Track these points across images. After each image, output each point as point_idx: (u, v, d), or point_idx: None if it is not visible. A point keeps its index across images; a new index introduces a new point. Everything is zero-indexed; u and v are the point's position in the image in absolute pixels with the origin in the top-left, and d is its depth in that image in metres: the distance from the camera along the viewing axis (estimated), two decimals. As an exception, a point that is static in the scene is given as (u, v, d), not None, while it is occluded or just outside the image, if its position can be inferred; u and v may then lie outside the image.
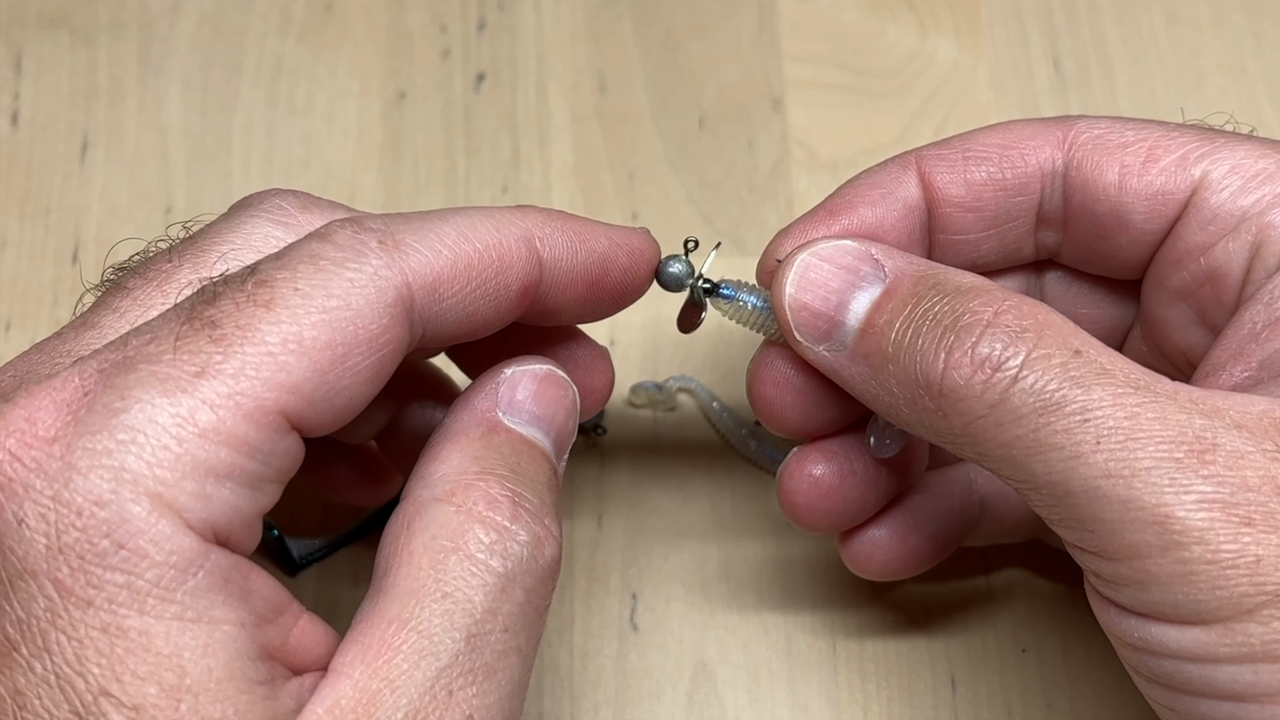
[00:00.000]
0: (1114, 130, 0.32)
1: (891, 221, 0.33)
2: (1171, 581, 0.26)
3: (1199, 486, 0.26)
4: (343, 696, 0.25)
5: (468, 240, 0.29)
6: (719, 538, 0.43)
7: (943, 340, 0.28)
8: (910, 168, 0.33)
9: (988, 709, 0.40)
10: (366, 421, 0.37)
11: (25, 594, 0.24)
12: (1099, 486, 0.26)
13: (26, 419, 0.25)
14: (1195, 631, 0.26)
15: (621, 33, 0.51)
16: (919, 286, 0.30)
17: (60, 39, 0.50)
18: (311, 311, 0.26)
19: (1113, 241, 0.33)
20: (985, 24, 0.51)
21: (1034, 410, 0.27)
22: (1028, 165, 0.33)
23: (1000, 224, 0.34)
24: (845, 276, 0.31)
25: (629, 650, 0.41)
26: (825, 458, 0.35)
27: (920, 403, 0.29)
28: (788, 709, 0.40)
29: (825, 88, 0.50)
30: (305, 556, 0.42)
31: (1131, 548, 0.26)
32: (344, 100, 0.50)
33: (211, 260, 0.29)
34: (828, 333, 0.31)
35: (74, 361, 0.26)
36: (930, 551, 0.37)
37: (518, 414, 0.31)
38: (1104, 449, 0.26)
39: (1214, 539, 0.25)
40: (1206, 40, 0.51)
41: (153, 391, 0.25)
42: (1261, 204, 0.31)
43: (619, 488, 0.44)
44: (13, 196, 0.48)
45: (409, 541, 0.28)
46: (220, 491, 0.25)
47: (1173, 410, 0.27)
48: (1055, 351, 0.27)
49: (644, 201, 0.48)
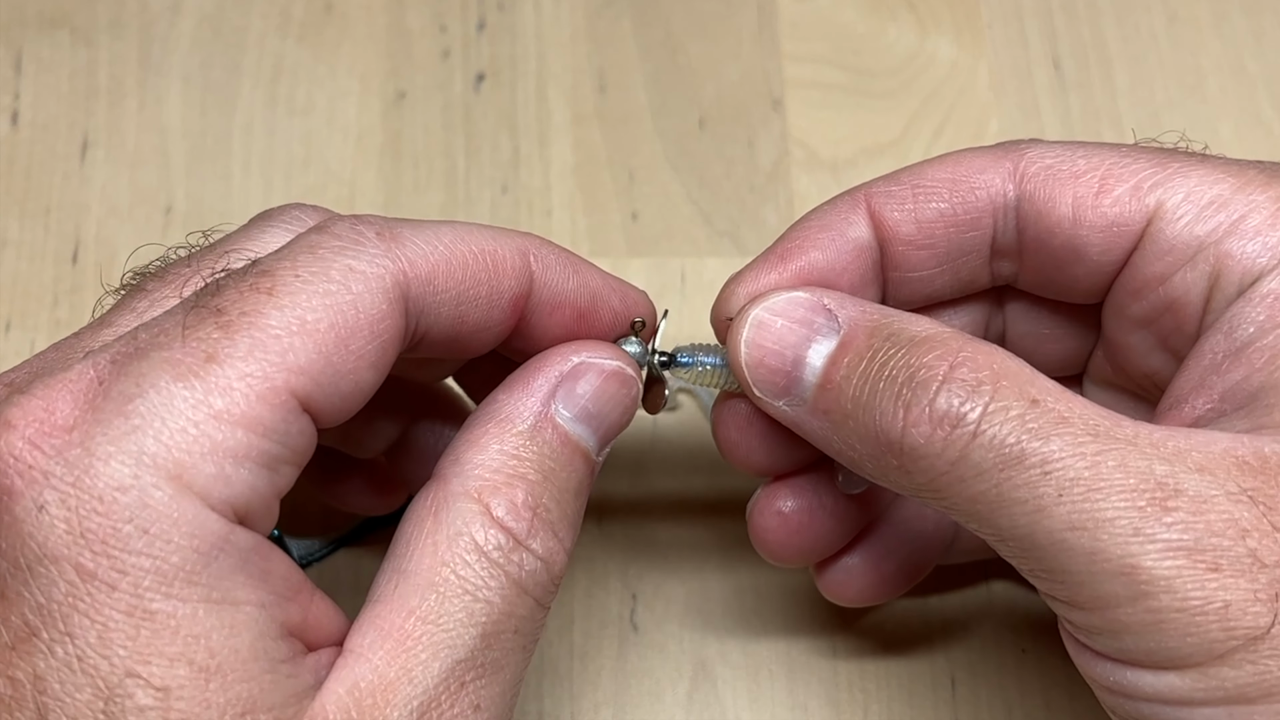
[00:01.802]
0: (1065, 159, 0.32)
1: (844, 264, 0.33)
2: (1143, 630, 0.26)
3: (1163, 535, 0.25)
4: (362, 679, 0.26)
5: (464, 242, 0.30)
6: (719, 538, 0.43)
7: (899, 397, 0.28)
8: (860, 206, 0.33)
9: (988, 709, 0.40)
10: (376, 435, 0.38)
11: (45, 579, 0.24)
12: (1064, 539, 0.26)
13: (45, 409, 0.25)
14: (1170, 676, 0.26)
15: (621, 33, 0.51)
16: (874, 339, 0.29)
17: (60, 39, 0.50)
18: (313, 295, 0.27)
19: (1069, 272, 0.32)
20: (985, 24, 0.51)
21: (995, 465, 0.27)
22: (979, 200, 0.32)
23: (954, 259, 0.33)
24: (799, 331, 0.31)
25: (629, 650, 0.41)
26: (793, 493, 0.35)
27: (883, 460, 0.29)
28: (788, 709, 0.40)
29: (825, 88, 0.50)
30: (305, 556, 0.42)
31: (1101, 598, 0.26)
32: (344, 100, 0.50)
33: (228, 265, 0.29)
34: (786, 388, 0.31)
35: (85, 354, 0.27)
36: (905, 575, 0.37)
37: (571, 408, 0.31)
38: (1066, 501, 0.26)
39: (1182, 587, 0.25)
40: (1206, 40, 0.51)
41: (166, 377, 0.25)
42: (1217, 232, 0.30)
43: (619, 488, 0.44)
44: (13, 196, 0.48)
45: (434, 530, 0.28)
46: (239, 472, 0.25)
47: (1134, 457, 0.26)
48: (1013, 403, 0.27)
49: (644, 201, 0.48)
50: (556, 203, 0.48)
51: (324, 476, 0.40)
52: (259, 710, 0.25)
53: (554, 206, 0.48)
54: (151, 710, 0.24)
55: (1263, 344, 0.29)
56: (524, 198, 0.48)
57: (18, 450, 0.25)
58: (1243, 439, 0.27)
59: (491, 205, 0.48)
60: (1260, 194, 0.30)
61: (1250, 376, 0.29)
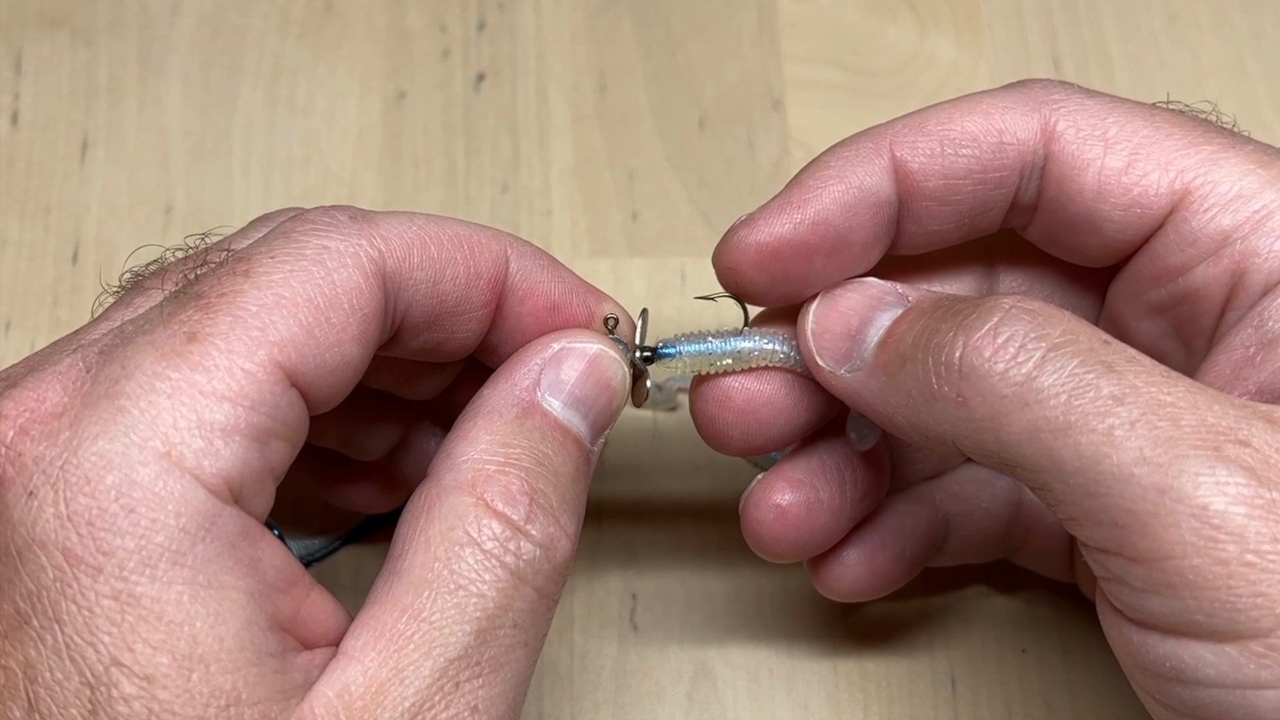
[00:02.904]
0: (1098, 122, 0.31)
1: (860, 220, 0.31)
2: (1207, 585, 0.24)
3: (1238, 479, 0.24)
4: (352, 681, 0.26)
5: (438, 225, 0.30)
6: (718, 538, 0.43)
7: (963, 325, 0.27)
8: (882, 154, 0.31)
9: (988, 709, 0.40)
10: (378, 438, 0.38)
11: (35, 565, 0.24)
12: (1133, 473, 0.25)
13: (36, 399, 0.26)
14: (1231, 650, 0.24)
15: (621, 33, 0.51)
16: (940, 302, 0.29)
17: (60, 39, 0.50)
18: (289, 273, 0.27)
19: (1080, 239, 0.32)
20: (985, 24, 0.51)
21: (1065, 389, 0.26)
22: (1008, 157, 0.31)
23: (974, 214, 0.32)
24: (869, 302, 0.31)
25: (629, 650, 0.41)
26: (791, 486, 0.34)
27: (940, 395, 0.27)
28: (788, 709, 0.40)
29: (825, 88, 0.50)
30: (306, 557, 0.42)
31: (1164, 545, 0.24)
32: (344, 100, 0.50)
33: (210, 258, 0.30)
34: (849, 353, 0.30)
35: (77, 348, 0.27)
36: (897, 572, 0.37)
37: (558, 394, 0.31)
38: (1139, 433, 0.25)
39: (1255, 538, 0.24)
40: (1206, 40, 0.51)
41: (150, 358, 0.26)
42: (1244, 228, 0.29)
43: (619, 488, 0.44)
44: (13, 196, 0.48)
45: (427, 527, 0.28)
46: (228, 445, 0.26)
47: (1206, 400, 0.25)
48: (1084, 337, 0.26)
49: (644, 201, 0.48)
50: (556, 203, 0.48)
51: (328, 477, 0.40)
52: (244, 704, 0.25)
53: (554, 206, 0.48)
54: (136, 699, 0.24)
55: None
56: (524, 198, 0.48)
57: (10, 439, 0.25)
58: None
59: (491, 205, 0.48)
60: None
61: None
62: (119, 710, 0.24)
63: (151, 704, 0.24)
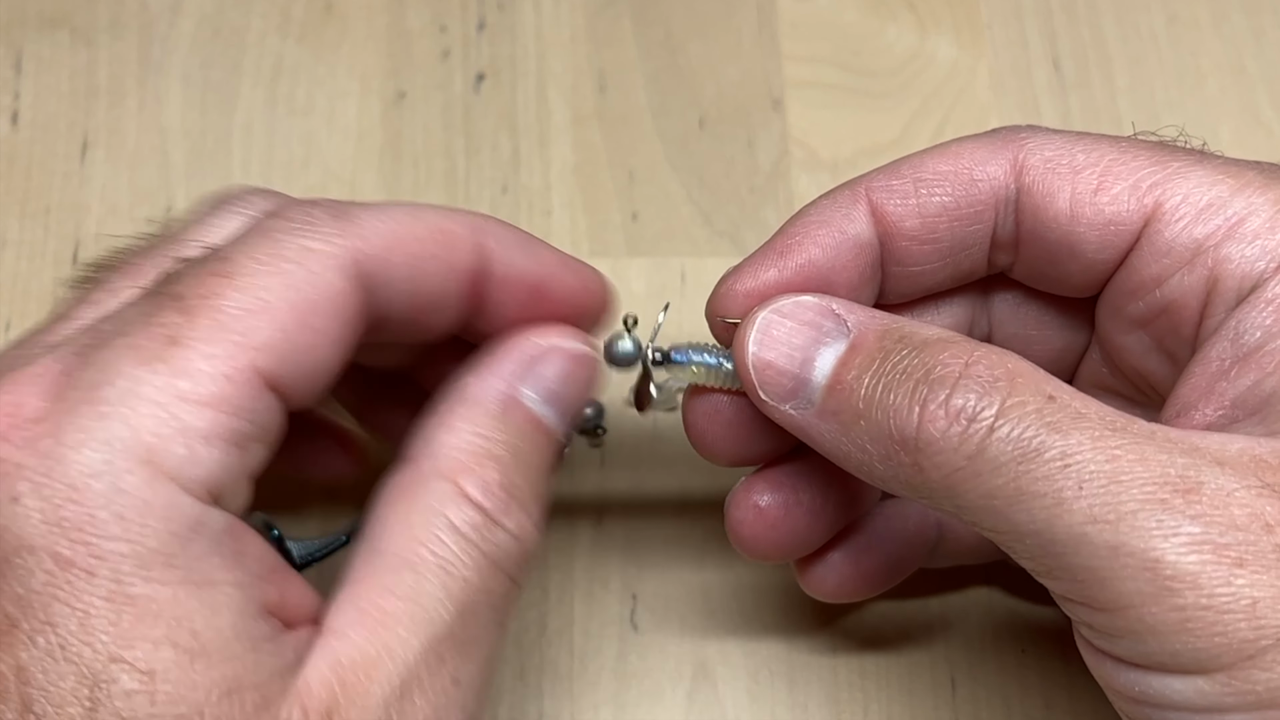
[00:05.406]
0: (1064, 152, 0.31)
1: (843, 262, 0.32)
2: (1167, 630, 0.25)
3: (1187, 528, 0.25)
4: (344, 656, 0.27)
5: (416, 218, 0.30)
6: (719, 538, 0.43)
7: (915, 394, 0.28)
8: (860, 201, 0.32)
9: (987, 709, 0.40)
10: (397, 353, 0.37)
11: (23, 570, 0.25)
12: (1084, 533, 0.25)
13: (13, 404, 0.26)
14: (1198, 681, 0.25)
15: (621, 33, 0.51)
16: (884, 340, 0.29)
17: (60, 39, 0.50)
18: (270, 276, 0.27)
19: (1064, 267, 0.32)
20: (985, 24, 0.51)
21: (1013, 459, 0.26)
22: (981, 192, 0.32)
23: (955, 252, 0.33)
24: (808, 333, 0.30)
25: (629, 650, 0.41)
26: (771, 487, 0.34)
27: (895, 458, 0.28)
28: (788, 709, 0.40)
29: (825, 88, 0.50)
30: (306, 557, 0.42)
31: (1122, 597, 0.25)
32: (344, 100, 0.50)
33: (185, 254, 0.29)
34: (794, 391, 0.30)
35: (48, 349, 0.27)
36: (886, 574, 0.37)
37: (538, 388, 0.31)
38: (1086, 494, 0.25)
39: (1207, 583, 0.24)
40: (1206, 40, 0.51)
41: (130, 363, 0.26)
42: (1216, 236, 0.30)
43: (619, 488, 0.44)
44: (13, 196, 0.48)
45: (409, 511, 0.29)
46: (210, 452, 0.26)
47: (1153, 450, 0.26)
48: (1030, 398, 0.27)
49: (644, 201, 0.48)
50: (556, 203, 0.48)
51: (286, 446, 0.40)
52: (245, 689, 0.25)
53: (554, 206, 0.48)
54: (138, 694, 0.24)
55: (1272, 348, 0.28)
56: (524, 198, 0.48)
57: None
58: (1259, 440, 0.27)
59: (491, 205, 0.48)
60: (1259, 196, 0.30)
61: (1261, 382, 0.28)
62: (119, 705, 0.24)
63: (154, 696, 0.25)
